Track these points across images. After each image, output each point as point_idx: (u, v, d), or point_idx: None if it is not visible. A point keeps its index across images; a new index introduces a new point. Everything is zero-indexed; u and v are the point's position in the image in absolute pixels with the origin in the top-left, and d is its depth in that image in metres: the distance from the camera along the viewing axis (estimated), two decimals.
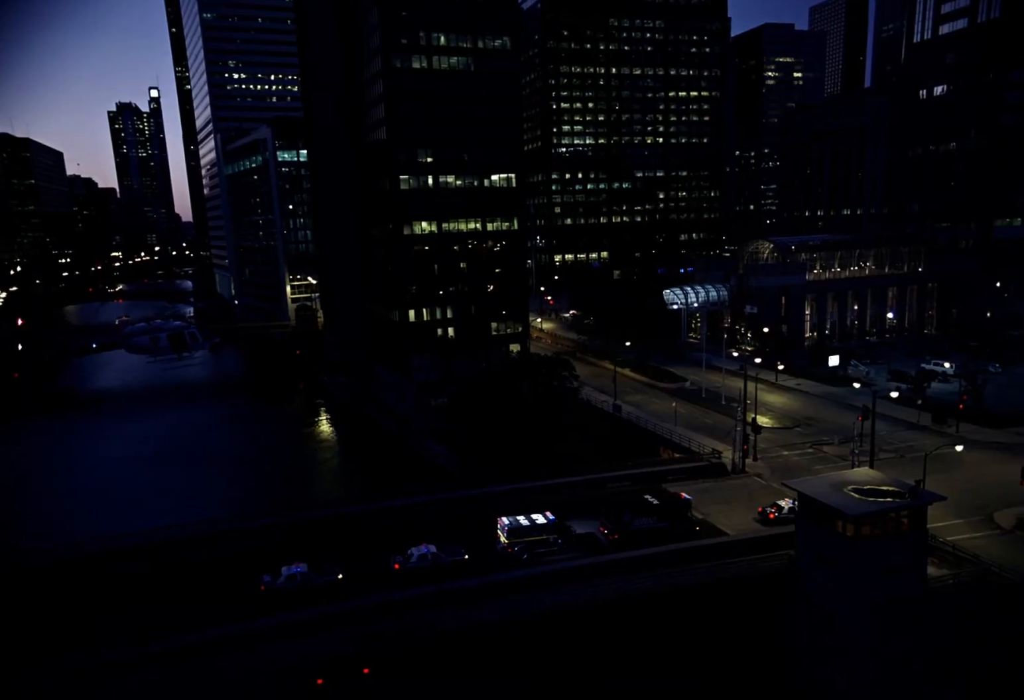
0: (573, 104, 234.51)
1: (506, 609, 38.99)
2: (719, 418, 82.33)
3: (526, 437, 72.94)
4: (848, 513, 36.52)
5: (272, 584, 44.18)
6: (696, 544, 45.40)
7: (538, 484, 56.76)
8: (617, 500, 54.77)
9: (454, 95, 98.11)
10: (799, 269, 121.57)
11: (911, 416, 79.35)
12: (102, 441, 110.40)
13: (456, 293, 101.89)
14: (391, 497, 56.41)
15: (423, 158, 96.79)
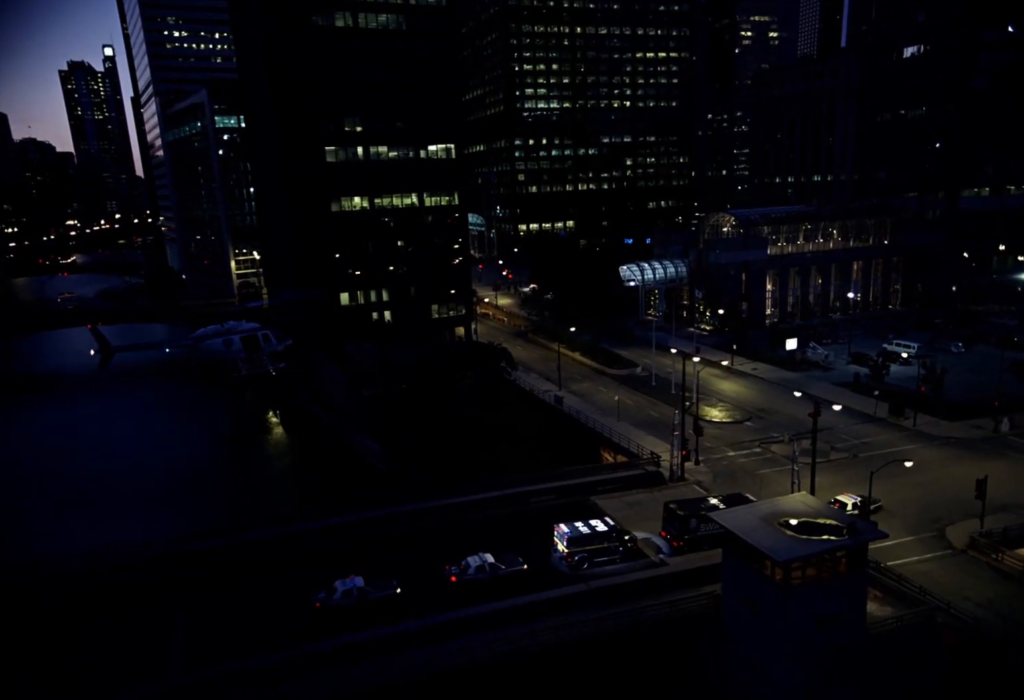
0: (536, 66, 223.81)
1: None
2: (667, 410, 76.79)
3: (458, 438, 67.21)
4: (776, 558, 31.42)
5: (327, 601, 42.36)
6: (619, 581, 39.93)
7: (457, 500, 51.04)
8: (543, 517, 49.60)
9: (384, 57, 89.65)
10: (760, 244, 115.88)
11: (868, 406, 74.79)
12: (36, 428, 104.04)
13: (393, 274, 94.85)
14: (308, 519, 50.20)
15: (351, 127, 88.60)
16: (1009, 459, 60.31)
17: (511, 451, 67.04)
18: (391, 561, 46.92)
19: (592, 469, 56.62)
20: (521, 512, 50.49)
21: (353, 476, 76.99)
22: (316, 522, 49.37)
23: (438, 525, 49.59)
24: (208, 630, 41.63)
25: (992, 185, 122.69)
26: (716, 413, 76.15)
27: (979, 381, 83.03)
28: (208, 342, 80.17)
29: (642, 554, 45.85)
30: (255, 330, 78.78)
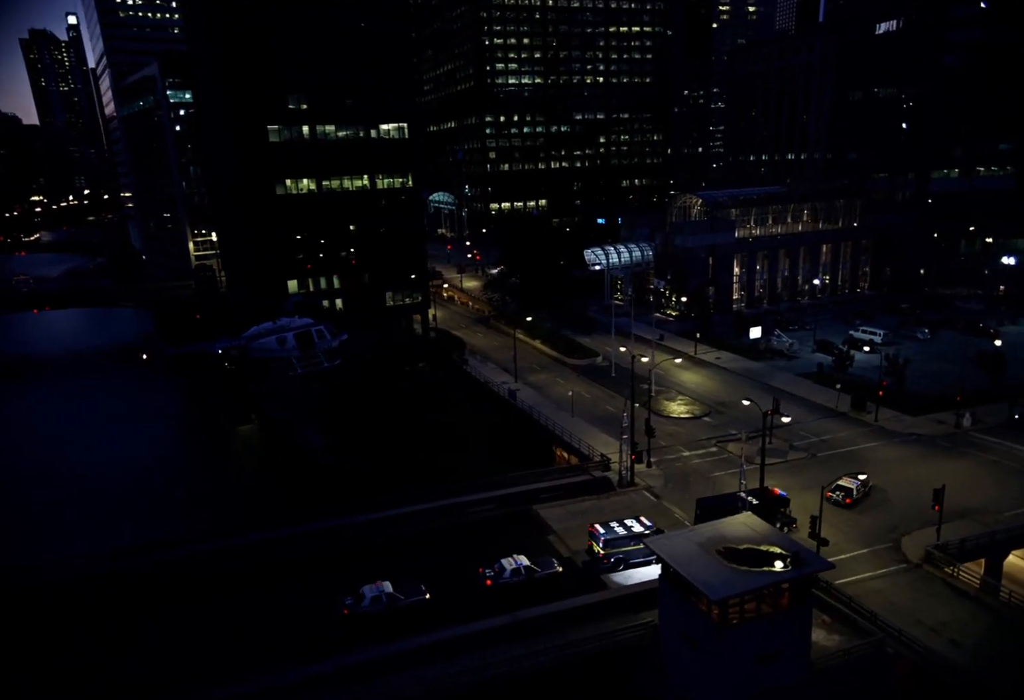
0: (507, 40, 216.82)
1: None
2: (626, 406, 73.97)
3: (400, 439, 63.85)
4: (711, 596, 28.63)
5: (356, 607, 40.37)
6: (552, 610, 36.78)
7: (389, 514, 47.65)
8: (480, 529, 46.60)
9: (331, 30, 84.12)
10: (728, 227, 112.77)
11: (830, 399, 72.51)
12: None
13: (344, 260, 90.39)
14: (229, 535, 46.51)
15: (296, 105, 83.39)
16: (970, 459, 58.31)
17: (457, 452, 63.79)
18: (277, 591, 42.84)
19: (536, 475, 53.45)
20: (456, 525, 47.32)
21: (297, 475, 73.48)
22: (235, 538, 45.78)
23: (349, 546, 45.49)
24: (209, 642, 38.42)
25: (962, 166, 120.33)
26: (675, 408, 73.45)
27: (943, 370, 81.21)
28: (261, 341, 75.94)
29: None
30: (308, 326, 74.71)
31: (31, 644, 38.72)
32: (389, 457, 63.56)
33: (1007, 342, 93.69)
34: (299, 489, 68.56)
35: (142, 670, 36.73)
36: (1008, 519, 47.71)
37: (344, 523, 46.46)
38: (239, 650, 37.68)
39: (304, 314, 78.33)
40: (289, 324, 78.81)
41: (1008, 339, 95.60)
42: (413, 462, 61.92)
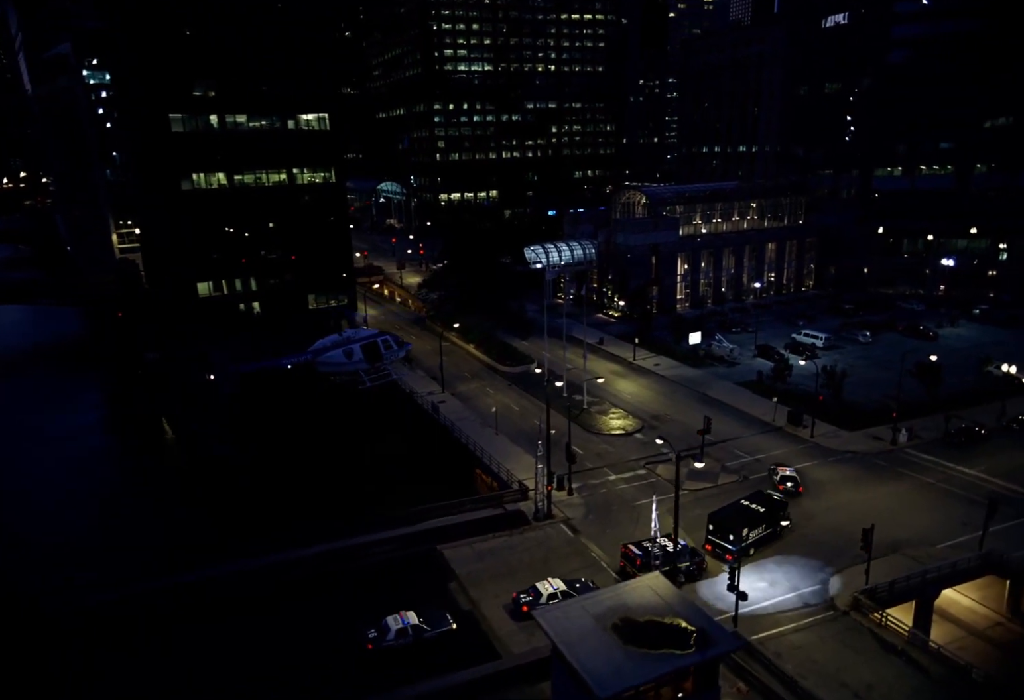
0: (456, 25, 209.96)
1: None
2: (555, 420, 69.91)
3: (303, 463, 58.68)
4: (598, 693, 24.57)
5: (380, 641, 37.64)
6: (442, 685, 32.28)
7: (271, 560, 42.54)
8: (380, 573, 42.02)
9: (244, 12, 77.39)
10: (671, 224, 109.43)
11: (767, 412, 69.59)
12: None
13: (262, 260, 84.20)
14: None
15: (202, 91, 76.57)
16: (905, 481, 55.83)
17: (368, 478, 58.77)
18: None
19: (444, 509, 48.94)
20: (349, 570, 42.61)
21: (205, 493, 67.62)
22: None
23: (228, 596, 40.42)
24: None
25: (904, 164, 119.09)
26: (606, 422, 69.62)
27: (882, 378, 79.18)
28: (328, 354, 73.84)
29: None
30: (374, 336, 72.85)
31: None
32: (291, 483, 58.35)
33: (945, 346, 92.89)
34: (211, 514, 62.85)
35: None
36: (940, 553, 45.09)
37: (217, 573, 41.16)
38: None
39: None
40: (354, 336, 77.63)
41: (947, 343, 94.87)
42: (315, 489, 56.78)
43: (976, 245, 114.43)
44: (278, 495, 56.59)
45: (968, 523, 48.42)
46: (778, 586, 42.24)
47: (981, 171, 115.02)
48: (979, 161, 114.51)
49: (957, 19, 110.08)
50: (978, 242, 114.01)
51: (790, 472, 55.56)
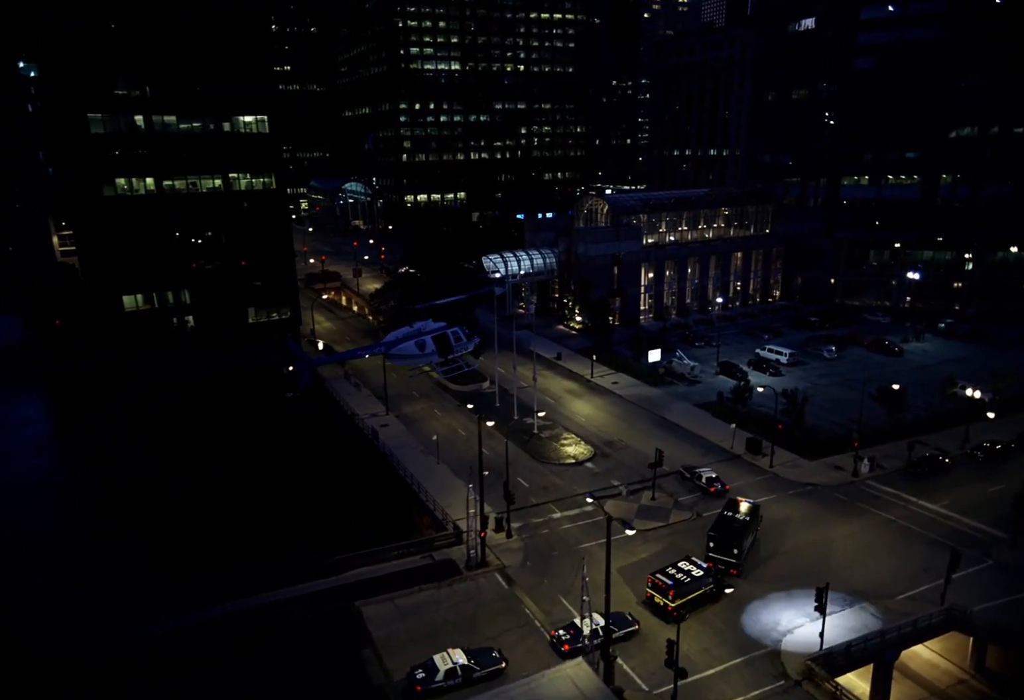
0: (422, 22, 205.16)
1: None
2: (502, 447, 65.89)
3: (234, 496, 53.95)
4: None
5: (429, 682, 35.29)
6: None
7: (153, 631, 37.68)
8: (289, 635, 37.52)
9: (172, 4, 72.09)
10: (634, 234, 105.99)
11: (726, 437, 66.29)
12: None
13: (196, 272, 79.00)
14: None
15: (125, 90, 71.15)
16: (866, 518, 52.74)
17: (294, 517, 54.09)
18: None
19: (366, 557, 44.55)
20: (251, 637, 38.07)
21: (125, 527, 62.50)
22: None
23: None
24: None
25: (871, 174, 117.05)
26: (556, 450, 65.70)
27: (846, 399, 76.45)
28: (401, 346, 68.17)
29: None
30: (443, 329, 67.46)
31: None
32: (207, 523, 53.51)
33: (910, 362, 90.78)
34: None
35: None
36: (900, 606, 41.94)
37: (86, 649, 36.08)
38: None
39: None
40: (425, 327, 70.46)
41: (912, 358, 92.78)
42: (232, 530, 51.93)
43: (941, 256, 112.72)
44: (191, 536, 51.77)
45: (930, 569, 45.40)
46: (725, 649, 38.63)
47: (947, 182, 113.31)
48: (944, 171, 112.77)
49: (922, 28, 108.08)
50: (943, 254, 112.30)
51: (711, 473, 58.39)
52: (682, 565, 43.18)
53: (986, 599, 42.50)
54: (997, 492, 55.71)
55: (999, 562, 46.53)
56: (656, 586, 41.81)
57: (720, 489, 56.42)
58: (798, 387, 73.75)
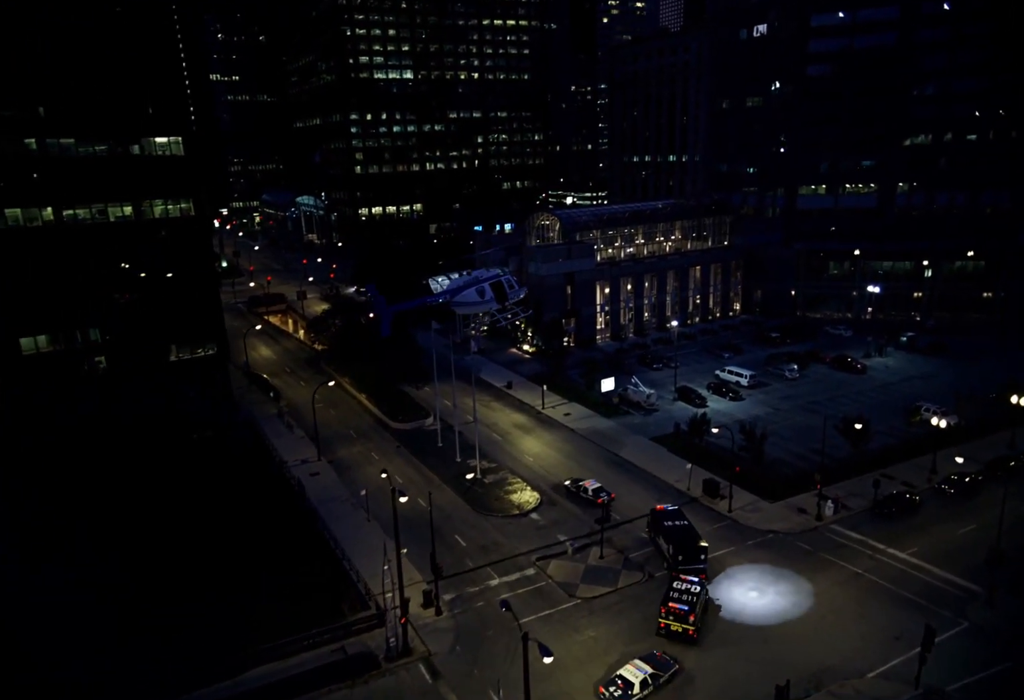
0: (371, 30, 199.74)
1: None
2: (444, 497, 60.67)
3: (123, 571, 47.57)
4: None
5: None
6: None
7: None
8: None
9: (70, 16, 65.59)
10: (587, 252, 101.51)
11: (682, 478, 61.70)
12: None
13: (106, 308, 72.32)
14: None
15: (13, 110, 64.45)
16: (831, 572, 48.40)
17: (192, 597, 47.76)
18: None
19: (271, 651, 38.72)
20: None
21: None
22: None
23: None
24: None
25: (828, 182, 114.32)
26: (501, 498, 60.46)
27: (809, 426, 72.62)
28: (464, 294, 71.93)
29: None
30: (497, 276, 71.36)
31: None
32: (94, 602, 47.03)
33: (873, 380, 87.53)
34: None
35: None
36: (871, 687, 37.52)
37: None
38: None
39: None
40: (480, 276, 74.25)
41: (875, 376, 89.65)
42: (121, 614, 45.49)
43: (901, 267, 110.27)
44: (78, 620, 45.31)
45: (902, 637, 41.15)
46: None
47: (903, 190, 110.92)
48: (900, 180, 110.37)
49: (873, 35, 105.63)
50: (902, 264, 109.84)
51: (596, 484, 59.40)
52: (677, 584, 43.46)
53: (964, 673, 38.36)
54: (969, 534, 51.96)
55: (975, 624, 42.47)
56: (673, 612, 41.60)
57: (607, 499, 56.44)
58: (758, 415, 69.81)
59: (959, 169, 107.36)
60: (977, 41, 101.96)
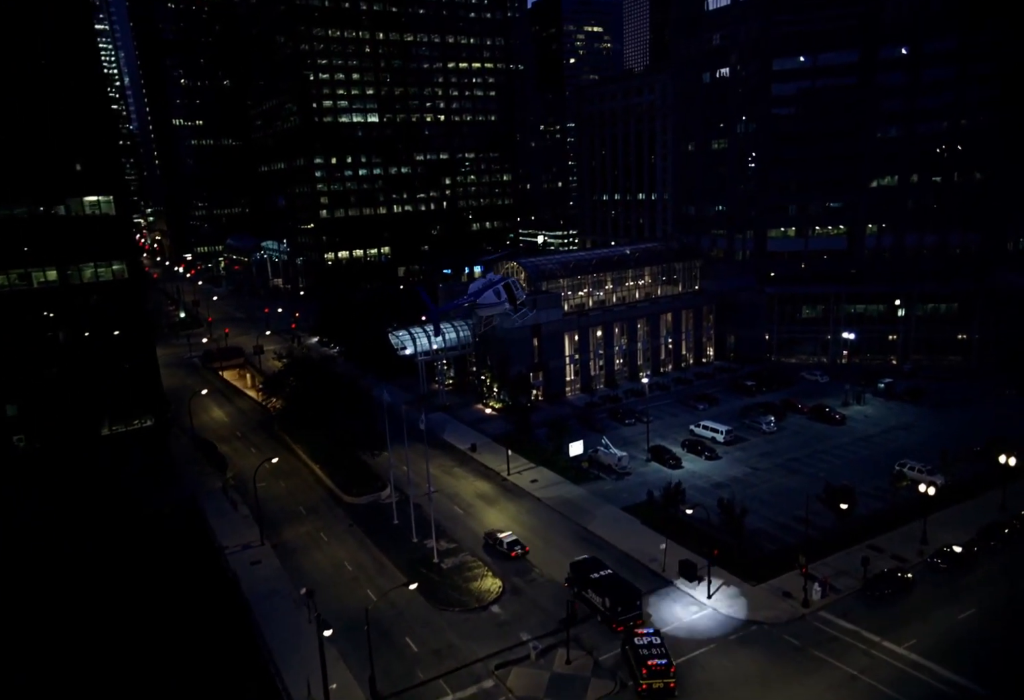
0: (335, 74, 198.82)
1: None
2: (393, 587, 54.95)
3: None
4: None
5: None
6: None
7: None
8: None
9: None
10: (553, 302, 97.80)
11: (657, 556, 56.71)
12: None
13: (30, 381, 66.54)
14: None
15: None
16: (823, 674, 43.52)
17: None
18: None
19: None
20: None
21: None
22: None
23: None
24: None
25: (797, 225, 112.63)
26: (460, 587, 54.86)
27: (790, 489, 68.57)
28: (485, 295, 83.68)
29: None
30: (505, 279, 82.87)
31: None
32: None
33: (853, 432, 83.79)
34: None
35: None
36: None
37: None
38: None
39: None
40: (492, 279, 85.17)
41: (854, 427, 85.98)
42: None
43: (874, 309, 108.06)
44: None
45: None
46: None
47: (873, 232, 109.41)
48: (870, 221, 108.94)
49: (834, 77, 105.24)
50: (876, 306, 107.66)
51: (511, 537, 59.38)
52: (642, 641, 43.16)
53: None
54: (969, 621, 47.48)
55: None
56: (653, 671, 40.79)
57: (521, 553, 57.70)
58: (736, 477, 65.37)
59: (926, 210, 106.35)
60: (935, 85, 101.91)
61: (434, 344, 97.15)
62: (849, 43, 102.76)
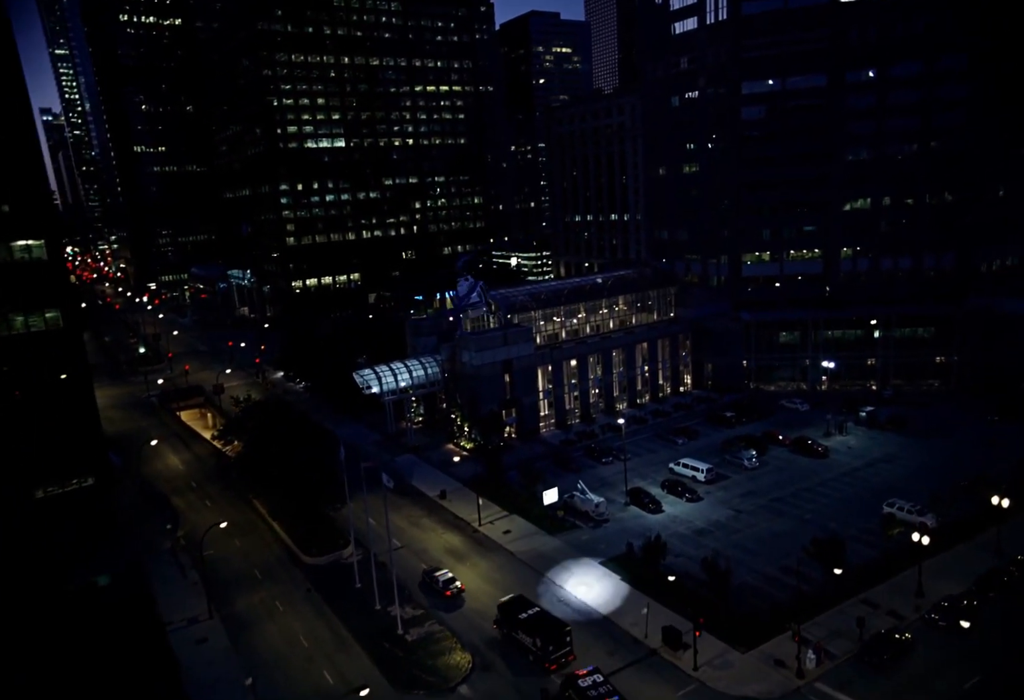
0: (300, 99, 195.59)
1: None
2: (354, 666, 50.28)
3: None
4: None
5: None
6: None
7: None
8: None
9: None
10: (524, 336, 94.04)
11: (639, 621, 52.67)
12: None
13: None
14: None
15: None
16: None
17: None
18: None
19: None
20: None
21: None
22: None
23: None
24: None
25: (771, 249, 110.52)
26: (425, 663, 50.22)
27: (777, 533, 65.35)
28: (470, 297, 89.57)
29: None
30: (477, 283, 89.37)
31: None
32: None
33: (837, 465, 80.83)
34: None
35: None
36: None
37: None
38: None
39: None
40: (472, 282, 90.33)
41: (838, 460, 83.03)
42: None
43: (852, 334, 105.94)
44: None
45: None
46: None
47: (847, 255, 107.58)
48: (844, 245, 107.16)
49: (803, 100, 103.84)
50: (854, 331, 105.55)
51: (447, 575, 59.51)
52: (587, 682, 43.33)
53: None
54: (974, 692, 43.95)
55: None
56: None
57: (456, 591, 57.67)
58: (719, 521, 61.72)
59: (900, 233, 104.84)
60: (903, 108, 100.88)
61: (401, 382, 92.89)
62: (817, 67, 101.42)
